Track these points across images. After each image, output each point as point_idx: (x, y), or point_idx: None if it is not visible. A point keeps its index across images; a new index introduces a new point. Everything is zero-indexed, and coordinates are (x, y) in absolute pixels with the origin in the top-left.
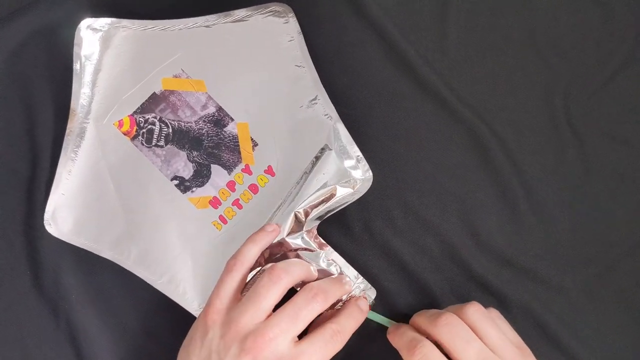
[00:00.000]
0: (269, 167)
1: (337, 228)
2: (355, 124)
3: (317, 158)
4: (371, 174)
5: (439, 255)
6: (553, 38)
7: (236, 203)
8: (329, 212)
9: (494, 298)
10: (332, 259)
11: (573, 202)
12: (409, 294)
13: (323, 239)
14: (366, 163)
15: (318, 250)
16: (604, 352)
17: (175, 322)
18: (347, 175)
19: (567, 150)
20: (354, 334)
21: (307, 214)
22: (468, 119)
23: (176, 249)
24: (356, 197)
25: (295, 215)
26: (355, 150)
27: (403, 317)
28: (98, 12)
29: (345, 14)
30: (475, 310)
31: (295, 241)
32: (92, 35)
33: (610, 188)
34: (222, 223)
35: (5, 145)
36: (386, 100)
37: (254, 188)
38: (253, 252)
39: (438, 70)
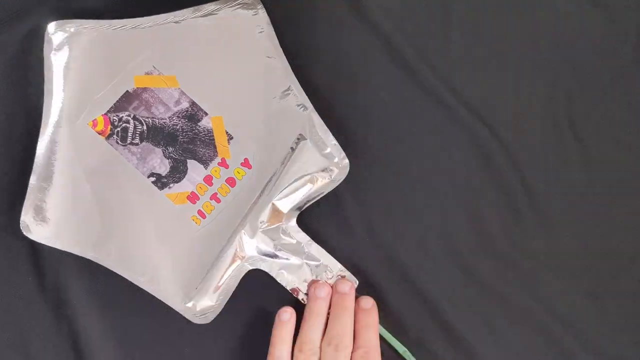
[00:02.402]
0: (245, 159)
1: (336, 228)
2: (355, 127)
3: (293, 149)
4: (347, 161)
5: (441, 258)
6: (555, 40)
7: (214, 197)
8: (308, 201)
9: (496, 301)
10: (312, 251)
11: (575, 206)
12: (409, 295)
13: (321, 239)
14: (342, 151)
15: (298, 241)
16: (607, 356)
17: (177, 325)
18: (324, 164)
19: (569, 153)
20: None
21: (286, 204)
22: (470, 121)
23: (156, 246)
24: (334, 185)
25: (274, 205)
26: (331, 139)
27: (400, 320)
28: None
29: (345, 16)
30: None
31: (272, 233)
32: (60, 38)
33: (613, 191)
34: (200, 218)
35: (4, 148)
36: (387, 102)
37: (231, 181)
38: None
39: (439, 73)
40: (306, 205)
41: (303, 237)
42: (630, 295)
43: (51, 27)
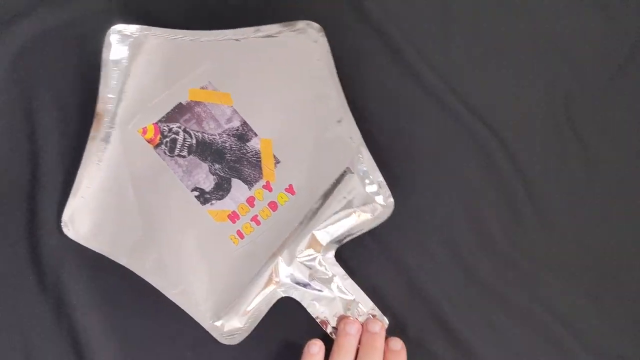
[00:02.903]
0: (290, 185)
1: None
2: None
3: (339, 180)
4: (392, 200)
5: (441, 258)
6: (555, 40)
7: (255, 219)
8: (347, 236)
9: (496, 301)
10: (346, 286)
11: (576, 205)
12: (409, 295)
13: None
14: (388, 189)
15: (334, 274)
16: (607, 356)
17: (178, 326)
18: (368, 200)
19: (569, 152)
20: None
21: (325, 236)
22: (470, 121)
23: (192, 260)
24: (376, 223)
25: (313, 236)
26: (378, 176)
27: (400, 320)
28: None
29: (347, 18)
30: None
31: (310, 262)
32: (121, 41)
33: (613, 191)
34: (239, 238)
35: (6, 149)
36: (388, 103)
37: (273, 205)
38: None
39: (440, 72)
40: (346, 240)
41: (339, 270)
42: (630, 295)
43: (113, 29)
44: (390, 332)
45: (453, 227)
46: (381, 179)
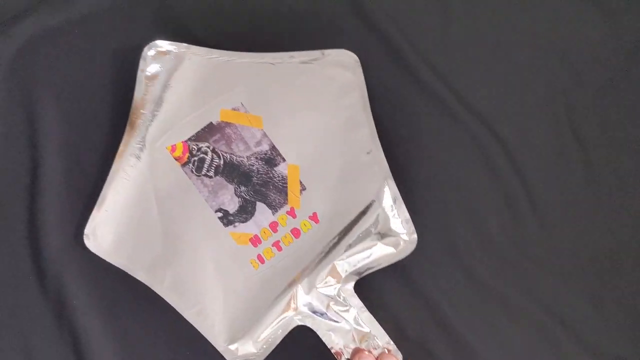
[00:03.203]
0: (314, 213)
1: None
2: None
3: (364, 212)
4: (416, 236)
5: (441, 258)
6: (554, 40)
7: (276, 244)
8: (368, 269)
9: (495, 300)
10: (363, 319)
11: (575, 206)
12: (409, 295)
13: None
14: (412, 225)
15: (352, 306)
16: (606, 355)
17: (177, 327)
18: (392, 234)
19: (568, 152)
20: None
21: (346, 267)
22: (469, 121)
23: (211, 281)
24: (399, 257)
25: (334, 266)
26: (403, 211)
27: (400, 320)
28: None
29: (345, 17)
30: None
31: (329, 292)
32: (158, 57)
33: (612, 190)
34: (259, 262)
35: (6, 151)
36: (387, 102)
37: (296, 232)
38: None
39: (439, 72)
40: (366, 272)
41: (357, 302)
42: (629, 295)
43: (149, 46)
44: (391, 332)
45: (452, 228)
46: (407, 215)
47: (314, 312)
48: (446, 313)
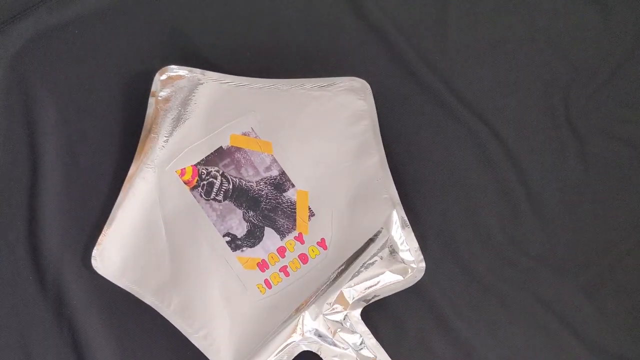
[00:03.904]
0: (322, 239)
1: None
2: None
3: (372, 240)
4: (424, 265)
5: (440, 256)
6: (553, 38)
7: (284, 270)
8: (375, 296)
9: (494, 298)
10: (369, 346)
11: (573, 202)
12: (409, 295)
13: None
14: (421, 254)
15: (358, 333)
16: (606, 352)
17: (177, 327)
18: (400, 262)
19: (567, 149)
20: None
21: (353, 294)
22: (468, 118)
23: (217, 305)
24: (406, 285)
25: (341, 293)
26: (412, 240)
27: (400, 320)
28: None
29: (344, 15)
30: None
31: (335, 318)
32: (170, 81)
33: (610, 187)
34: (266, 287)
35: (5, 151)
36: (386, 100)
37: (304, 258)
38: None
39: (438, 71)
40: (373, 300)
41: (364, 329)
42: (627, 291)
43: (163, 70)
44: (391, 331)
45: (451, 226)
46: (416, 245)
47: (320, 337)
48: (446, 312)
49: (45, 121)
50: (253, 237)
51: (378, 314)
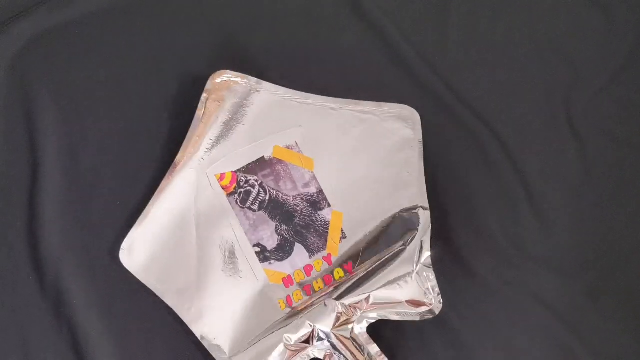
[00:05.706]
0: (349, 263)
1: None
2: None
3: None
4: (441, 303)
5: (440, 258)
6: (554, 39)
7: (307, 288)
8: (383, 318)
9: (495, 299)
10: None
11: (574, 203)
12: None
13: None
14: (439, 293)
15: (369, 352)
16: (607, 353)
17: (177, 327)
18: (418, 297)
19: (567, 151)
20: None
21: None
22: (468, 119)
23: (236, 316)
24: (417, 319)
25: (357, 314)
26: (432, 277)
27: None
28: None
29: (344, 15)
30: None
31: (343, 333)
32: (222, 86)
33: (610, 189)
34: (287, 303)
35: (5, 151)
36: (386, 101)
37: (328, 279)
38: None
39: (438, 72)
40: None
41: (374, 348)
42: (628, 292)
43: (219, 73)
44: (391, 331)
45: (451, 226)
46: (435, 283)
47: (332, 350)
48: (446, 313)
49: (45, 121)
50: (282, 251)
51: None
